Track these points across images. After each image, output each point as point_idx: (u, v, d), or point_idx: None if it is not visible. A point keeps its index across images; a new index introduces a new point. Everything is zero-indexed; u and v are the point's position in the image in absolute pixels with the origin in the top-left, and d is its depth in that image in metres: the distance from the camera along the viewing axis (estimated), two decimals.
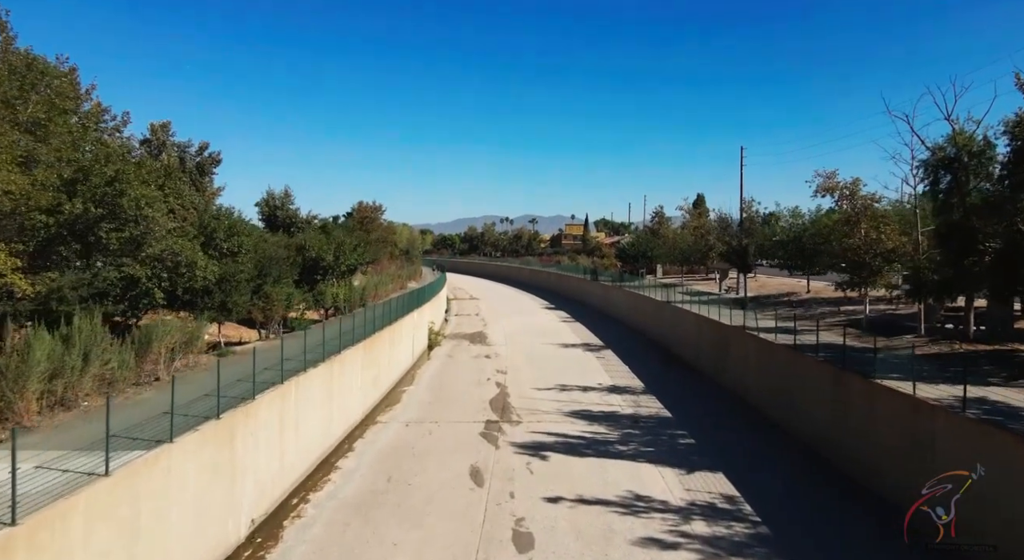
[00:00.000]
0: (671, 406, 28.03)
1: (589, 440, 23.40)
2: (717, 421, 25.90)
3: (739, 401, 28.64)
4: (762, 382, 26.65)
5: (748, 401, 28.03)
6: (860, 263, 26.69)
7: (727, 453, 21.84)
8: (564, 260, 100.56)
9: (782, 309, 37.63)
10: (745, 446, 22.74)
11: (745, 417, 26.37)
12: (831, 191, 27.80)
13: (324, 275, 33.91)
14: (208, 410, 14.58)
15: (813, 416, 21.68)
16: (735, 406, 28.11)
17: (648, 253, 63.73)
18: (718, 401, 29.15)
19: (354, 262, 35.96)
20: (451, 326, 55.94)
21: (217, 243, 25.95)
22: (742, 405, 28.08)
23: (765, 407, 26.14)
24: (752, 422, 25.66)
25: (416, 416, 27.08)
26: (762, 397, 26.57)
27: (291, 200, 54.57)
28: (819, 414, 21.19)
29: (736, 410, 27.47)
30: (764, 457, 21.63)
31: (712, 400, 29.38)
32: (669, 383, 32.78)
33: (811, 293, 41.43)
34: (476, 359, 40.11)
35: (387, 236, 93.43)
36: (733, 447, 22.54)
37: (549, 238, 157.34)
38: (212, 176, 39.58)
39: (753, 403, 27.41)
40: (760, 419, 25.86)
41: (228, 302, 23.78)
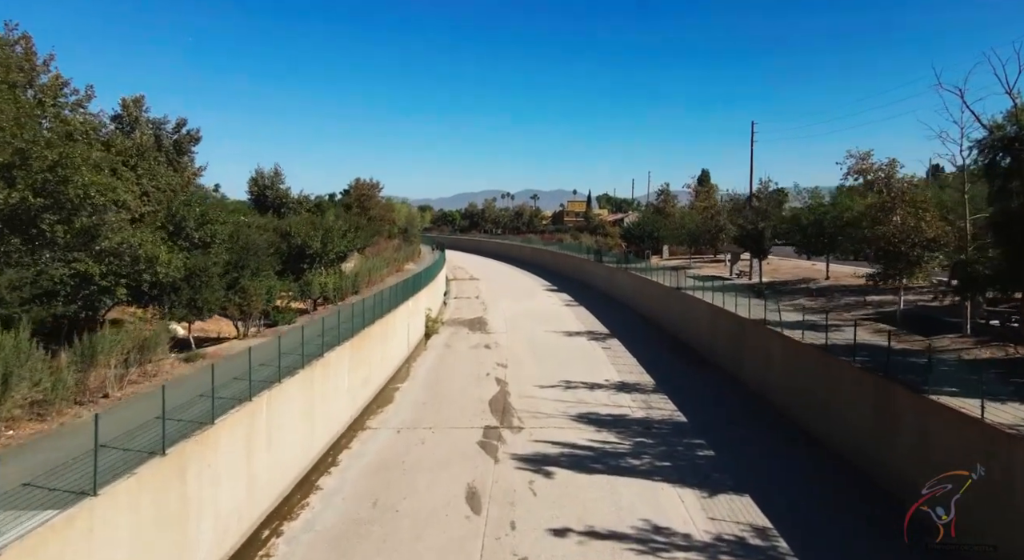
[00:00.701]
0: (685, 408, 25.71)
1: (598, 451, 21.10)
2: (737, 428, 23.57)
3: (760, 403, 26.29)
4: (787, 384, 24.27)
5: (771, 403, 25.70)
6: (895, 253, 24.12)
7: (752, 469, 19.54)
8: (566, 238, 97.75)
9: (801, 297, 35.18)
10: (772, 460, 20.41)
11: (768, 423, 24.02)
12: (864, 174, 25.06)
13: (311, 263, 31.35)
14: (152, 444, 12.20)
15: (851, 429, 19.30)
16: (756, 409, 25.75)
17: (654, 233, 61.02)
18: (737, 402, 26.79)
19: (344, 249, 33.37)
20: (450, 310, 53.57)
21: (187, 232, 23.39)
22: (764, 407, 25.73)
23: (791, 412, 23.79)
24: (777, 429, 23.31)
25: (409, 420, 24.80)
26: (788, 401, 24.21)
27: (281, 179, 51.85)
28: (859, 427, 18.81)
29: (758, 414, 25.11)
30: (795, 474, 19.31)
31: (730, 401, 27.02)
32: (681, 380, 30.43)
33: (830, 279, 38.86)
34: (475, 349, 37.77)
35: (385, 214, 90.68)
36: (758, 461, 20.23)
37: (551, 215, 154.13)
38: (192, 155, 36.80)
39: (777, 406, 25.06)
40: (786, 425, 23.51)
41: (198, 299, 21.28)
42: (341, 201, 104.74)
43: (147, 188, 31.56)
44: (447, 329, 44.78)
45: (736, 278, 45.86)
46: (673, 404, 26.30)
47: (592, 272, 67.92)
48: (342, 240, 33.23)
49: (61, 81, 26.82)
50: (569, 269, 79.34)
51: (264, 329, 27.52)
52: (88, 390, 15.75)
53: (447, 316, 50.08)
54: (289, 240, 30.85)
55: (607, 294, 60.76)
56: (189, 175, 36.36)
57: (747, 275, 45.54)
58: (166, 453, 12.16)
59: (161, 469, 11.91)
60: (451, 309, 54.37)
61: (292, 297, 29.85)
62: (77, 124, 25.34)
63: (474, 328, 45.10)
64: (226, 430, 14.52)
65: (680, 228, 62.23)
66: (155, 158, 32.97)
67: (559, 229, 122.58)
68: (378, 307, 29.72)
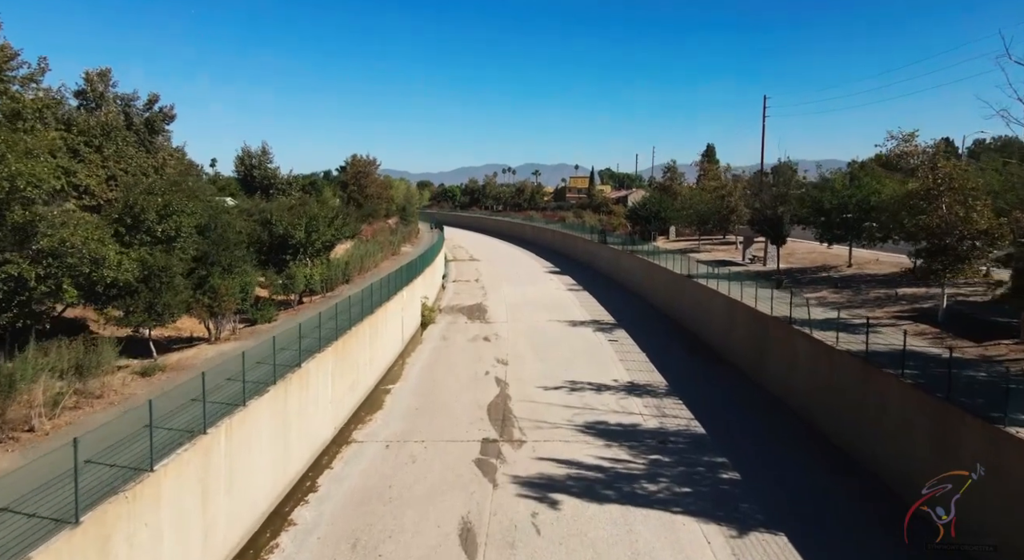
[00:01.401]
0: (703, 416, 23.27)
1: (609, 473, 18.69)
2: (763, 442, 21.12)
3: (785, 411, 23.82)
4: (819, 394, 21.76)
5: (797, 412, 23.23)
6: (940, 246, 21.42)
7: (784, 498, 17.13)
8: (568, 217, 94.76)
9: (824, 289, 32.50)
10: (808, 487, 17.93)
11: (798, 437, 21.55)
12: (908, 158, 22.22)
13: (295, 254, 28.67)
14: (62, 510, 9.73)
15: (902, 458, 16.77)
16: (782, 419, 23.27)
17: (661, 214, 58.12)
18: (759, 411, 24.31)
19: (331, 238, 30.60)
20: (448, 295, 51.06)
21: (148, 226, 20.68)
22: (789, 417, 23.26)
23: (823, 425, 21.32)
24: (808, 445, 20.83)
25: (399, 431, 22.40)
26: (818, 412, 21.73)
27: (269, 158, 48.86)
28: (912, 456, 16.29)
29: (785, 425, 22.63)
30: (833, 506, 16.85)
31: (752, 408, 24.54)
32: (696, 380, 27.97)
33: (853, 267, 36.13)
34: (474, 343, 35.31)
35: (382, 192, 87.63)
36: (792, 489, 17.79)
37: (552, 191, 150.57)
38: (167, 134, 33.86)
39: (804, 417, 22.60)
40: (817, 440, 21.03)
41: (157, 303, 18.68)
42: (337, 178, 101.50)
43: (114, 171, 28.84)
44: (445, 318, 42.31)
45: (749, 263, 43.18)
46: (689, 411, 23.85)
47: (596, 253, 65.21)
48: (329, 228, 30.48)
49: (8, 52, 23.86)
50: (572, 250, 76.61)
51: (241, 328, 25.01)
52: (5, 425, 13.22)
53: (445, 302, 47.58)
54: (270, 229, 28.15)
55: (612, 278, 58.14)
56: (164, 156, 33.52)
57: (761, 260, 42.83)
58: (80, 521, 9.70)
59: (71, 545, 9.44)
60: (450, 294, 51.86)
61: (276, 291, 27.25)
62: (27, 102, 22.50)
63: (473, 317, 42.61)
64: (171, 476, 12.05)
65: (688, 208, 59.24)
66: (124, 138, 30.15)
67: (561, 206, 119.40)
68: (368, 301, 27.17)
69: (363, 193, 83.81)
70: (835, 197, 34.10)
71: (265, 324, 25.20)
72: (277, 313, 27.07)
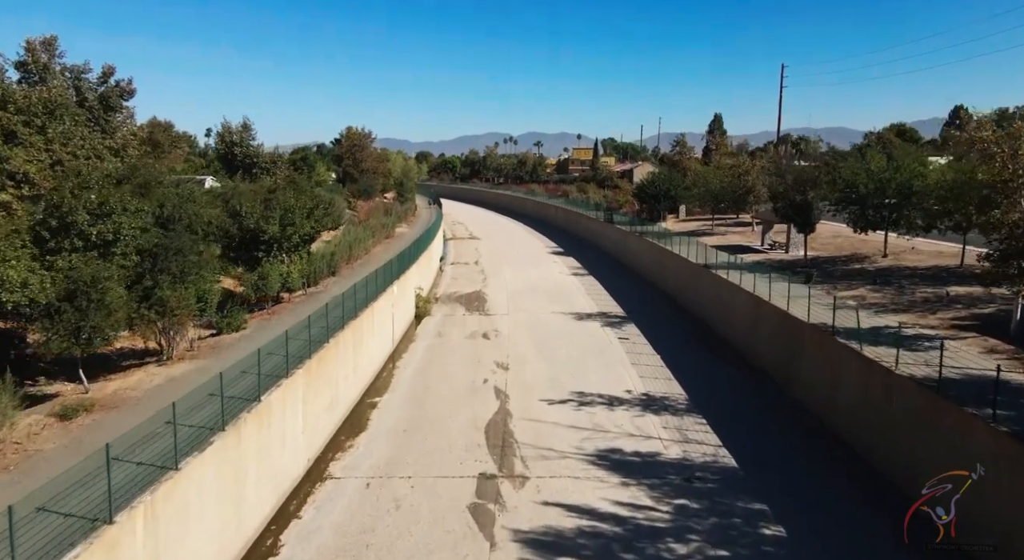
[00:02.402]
0: (731, 441, 20.08)
1: (628, 526, 15.56)
2: (807, 482, 17.88)
3: (828, 437, 20.49)
4: (873, 423, 18.46)
5: (843, 438, 19.97)
6: (1020, 249, 17.90)
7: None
8: (572, 191, 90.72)
9: (860, 284, 29.01)
10: (869, 553, 14.77)
11: (850, 475, 18.13)
12: (984, 145, 18.53)
13: (269, 251, 25.16)
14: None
15: (1007, 521, 13.47)
16: (825, 448, 19.94)
17: (671, 192, 54.27)
18: (796, 434, 21.08)
19: (311, 230, 26.98)
20: (446, 280, 47.71)
21: (81, 229, 17.19)
22: (834, 445, 19.94)
23: (883, 465, 17.96)
24: (862, 487, 17.45)
25: (384, 461, 19.26)
26: (875, 446, 18.43)
27: (251, 134, 44.90)
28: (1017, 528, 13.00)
29: (830, 458, 19.27)
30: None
31: (787, 431, 21.30)
32: (719, 391, 24.75)
33: (889, 257, 32.57)
34: (472, 340, 32.08)
35: (378, 166, 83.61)
36: (854, 552, 14.64)
37: (555, 162, 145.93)
38: (127, 112, 30.06)
39: (854, 446, 19.32)
40: (874, 481, 17.65)
41: (84, 326, 15.32)
42: (331, 152, 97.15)
43: (60, 156, 25.19)
44: (441, 308, 39.02)
45: (769, 250, 39.63)
46: (715, 435, 20.65)
47: (602, 233, 61.57)
48: (307, 220, 26.83)
49: None
50: (576, 227, 72.93)
51: (205, 338, 21.73)
52: None
53: (442, 290, 44.24)
54: (240, 221, 24.60)
55: (619, 260, 54.63)
56: (126, 136, 29.78)
57: (782, 247, 39.26)
58: None
59: None
60: (447, 279, 48.50)
61: (247, 292, 23.88)
62: None
63: (471, 308, 39.31)
64: None
65: (700, 186, 55.38)
66: (73, 117, 26.40)
67: (564, 179, 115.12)
68: (352, 301, 23.83)
69: (358, 167, 79.85)
70: (871, 180, 30.36)
71: (233, 334, 21.89)
72: (248, 317, 23.74)
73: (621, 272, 50.67)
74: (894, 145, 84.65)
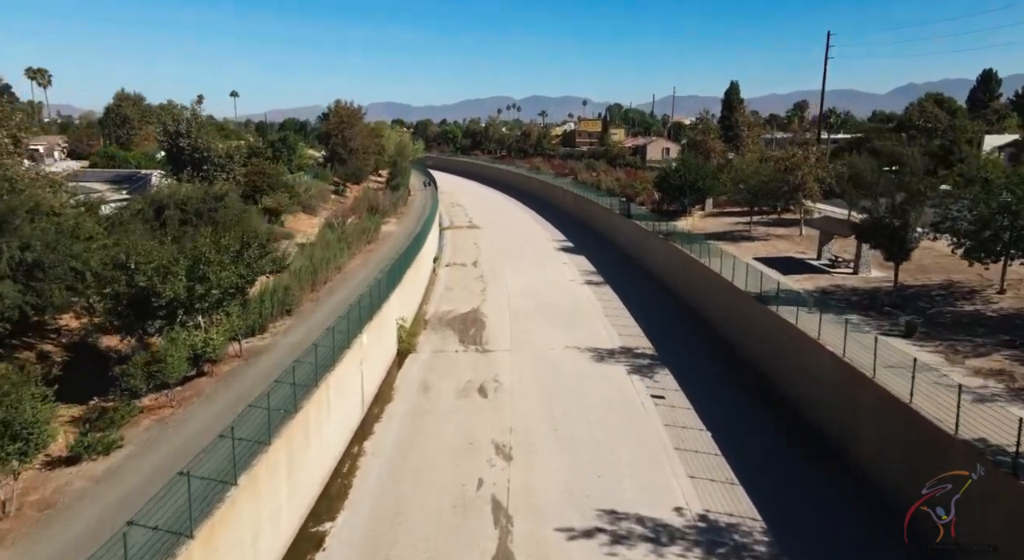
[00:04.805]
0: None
1: None
2: None
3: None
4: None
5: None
6: None
7: None
8: (580, 170, 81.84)
9: (982, 338, 21.02)
10: None
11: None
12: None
13: (171, 317, 17.09)
14: None
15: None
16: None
17: (699, 184, 45.87)
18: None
19: (238, 281, 18.57)
20: (439, 291, 40.03)
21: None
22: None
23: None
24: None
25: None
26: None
27: (200, 122, 36.44)
28: None
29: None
30: None
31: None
32: (815, 518, 17.04)
33: (1008, 293, 24.51)
34: (465, 400, 24.60)
35: (369, 145, 74.79)
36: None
37: (560, 134, 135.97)
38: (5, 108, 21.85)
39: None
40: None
41: None
42: (316, 130, 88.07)
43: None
44: (430, 339, 31.47)
45: (831, 267, 31.62)
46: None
47: (617, 228, 53.41)
48: (234, 266, 18.36)
49: None
50: (586, 215, 64.71)
51: (46, 472, 14.16)
52: None
53: (433, 308, 36.57)
54: (129, 275, 16.61)
55: (638, 262, 46.65)
56: None
57: (847, 264, 31.24)
58: None
59: None
60: (441, 288, 40.81)
61: (131, 380, 16.11)
62: None
63: (466, 337, 31.72)
64: None
65: (729, 174, 46.93)
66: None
67: (571, 154, 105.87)
68: (313, 367, 16.23)
69: (347, 147, 71.15)
70: (994, 199, 22.19)
71: (96, 458, 14.31)
72: (137, 418, 16.12)
73: (641, 279, 42.78)
74: (939, 119, 75.47)
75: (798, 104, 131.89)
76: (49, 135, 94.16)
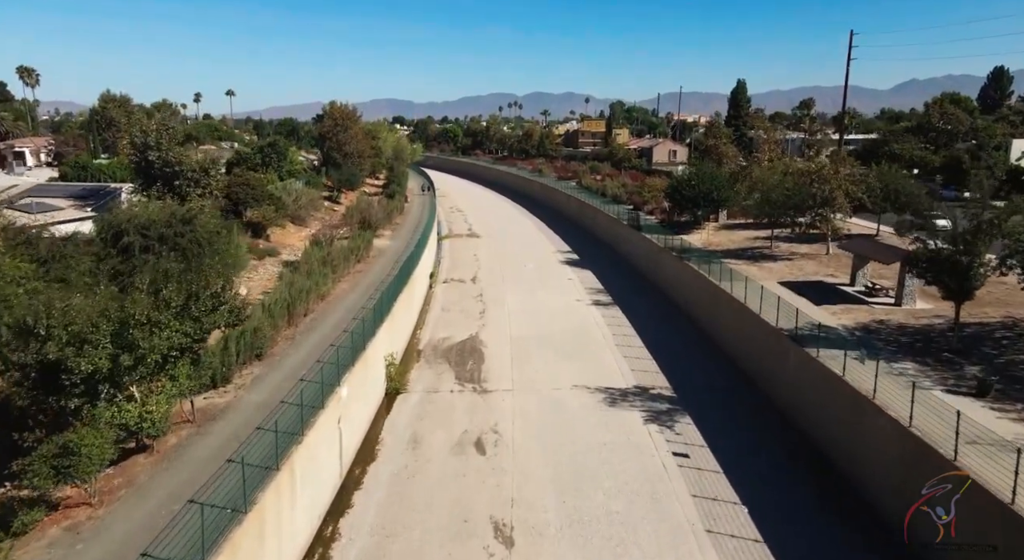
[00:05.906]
0: None
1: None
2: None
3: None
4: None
5: None
6: None
7: None
8: (584, 173, 78.34)
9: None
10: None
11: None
12: None
13: (91, 393, 13.56)
14: None
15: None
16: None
17: (714, 195, 42.35)
18: None
19: (183, 341, 15.04)
20: (435, 313, 36.73)
21: None
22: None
23: None
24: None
25: None
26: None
27: (173, 133, 32.96)
28: None
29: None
30: None
31: None
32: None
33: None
34: (459, 459, 21.24)
35: (364, 149, 71.33)
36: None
37: (563, 133, 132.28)
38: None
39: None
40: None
41: None
42: (309, 132, 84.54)
43: None
44: (423, 375, 28.13)
45: (869, 296, 28.16)
46: None
47: (625, 239, 49.93)
48: (177, 324, 14.76)
49: None
50: (591, 224, 61.27)
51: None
52: None
53: (428, 335, 33.17)
54: (40, 343, 13.13)
55: (649, 280, 43.15)
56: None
57: (886, 293, 27.81)
58: None
59: None
60: (436, 310, 37.45)
61: (34, 480, 12.66)
62: None
63: (463, 373, 28.35)
64: None
65: (746, 183, 43.47)
66: None
67: (573, 156, 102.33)
68: (278, 444, 12.86)
69: (342, 151, 67.70)
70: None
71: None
72: (39, 525, 12.75)
73: (652, 299, 39.32)
74: (959, 120, 71.68)
75: (804, 102, 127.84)
76: (38, 136, 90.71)
